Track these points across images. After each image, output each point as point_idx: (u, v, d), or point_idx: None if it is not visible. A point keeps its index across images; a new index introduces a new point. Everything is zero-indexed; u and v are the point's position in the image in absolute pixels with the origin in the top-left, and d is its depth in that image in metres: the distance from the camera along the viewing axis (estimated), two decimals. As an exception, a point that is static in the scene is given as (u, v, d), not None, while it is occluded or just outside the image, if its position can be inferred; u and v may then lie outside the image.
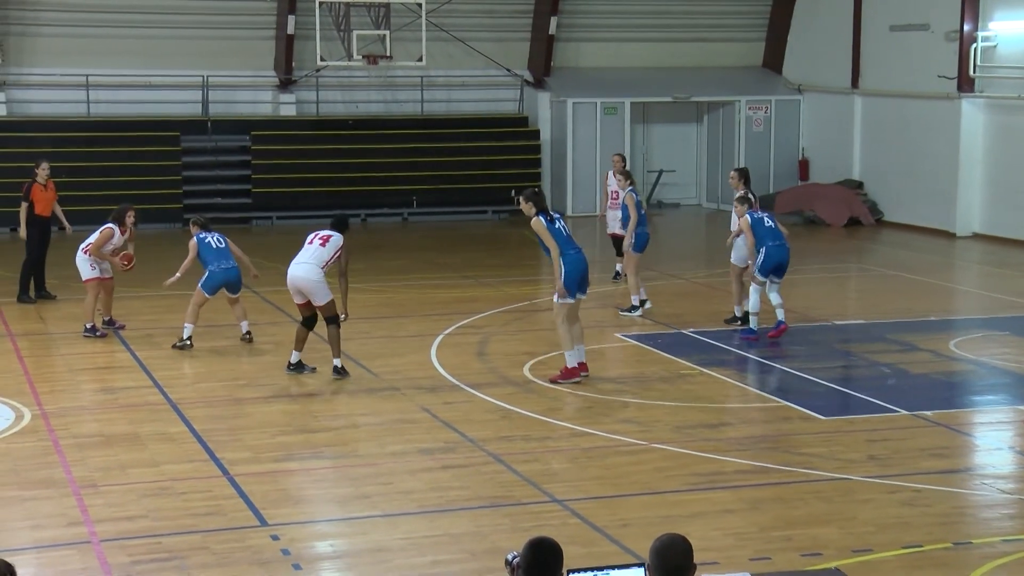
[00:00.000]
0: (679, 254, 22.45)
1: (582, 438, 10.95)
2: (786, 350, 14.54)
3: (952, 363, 13.80)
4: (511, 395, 12.32)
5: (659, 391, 12.54)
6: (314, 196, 25.33)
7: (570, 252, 12.62)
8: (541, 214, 12.64)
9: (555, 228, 12.61)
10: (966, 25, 22.93)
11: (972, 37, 22.72)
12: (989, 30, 22.63)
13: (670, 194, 28.25)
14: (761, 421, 11.54)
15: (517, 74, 27.06)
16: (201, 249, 14.52)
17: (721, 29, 27.92)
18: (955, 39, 23.18)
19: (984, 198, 23.11)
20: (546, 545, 4.93)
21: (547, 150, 26.81)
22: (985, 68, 22.61)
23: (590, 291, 13.45)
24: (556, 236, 12.56)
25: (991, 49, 22.62)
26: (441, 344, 14.53)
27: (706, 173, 28.27)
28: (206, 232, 14.66)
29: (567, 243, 12.66)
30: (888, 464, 10.23)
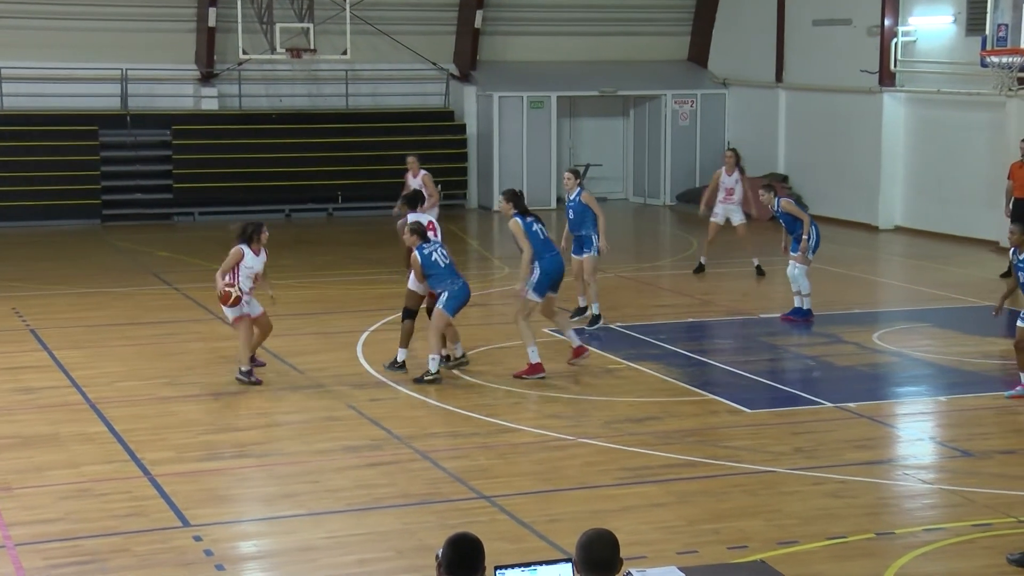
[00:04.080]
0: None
1: (510, 433, 10.96)
2: (711, 344, 14.67)
3: (876, 355, 14.00)
4: (438, 391, 12.30)
5: (587, 386, 12.58)
6: (237, 191, 25.10)
7: (547, 255, 12.73)
8: (519, 215, 12.73)
9: (533, 231, 12.70)
10: (887, 20, 23.27)
11: (893, 32, 23.07)
12: (909, 25, 22.99)
13: (597, 188, 28.23)
14: (688, 415, 11.63)
15: (443, 68, 27.01)
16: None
17: (647, 23, 28.08)
18: (876, 34, 23.52)
19: (906, 191, 23.49)
20: (467, 541, 4.92)
21: (473, 144, 26.81)
22: (906, 63, 22.96)
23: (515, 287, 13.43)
24: (532, 239, 12.66)
25: (911, 44, 22.98)
26: (368, 340, 14.47)
27: (633, 167, 28.42)
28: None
29: (544, 245, 12.76)
30: (813, 456, 10.35)
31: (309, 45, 23.95)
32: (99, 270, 19.20)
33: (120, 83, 24.98)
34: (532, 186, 26.53)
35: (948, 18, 22.24)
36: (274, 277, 18.32)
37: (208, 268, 19.28)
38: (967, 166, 21.94)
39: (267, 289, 12.94)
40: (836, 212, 24.58)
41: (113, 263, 19.85)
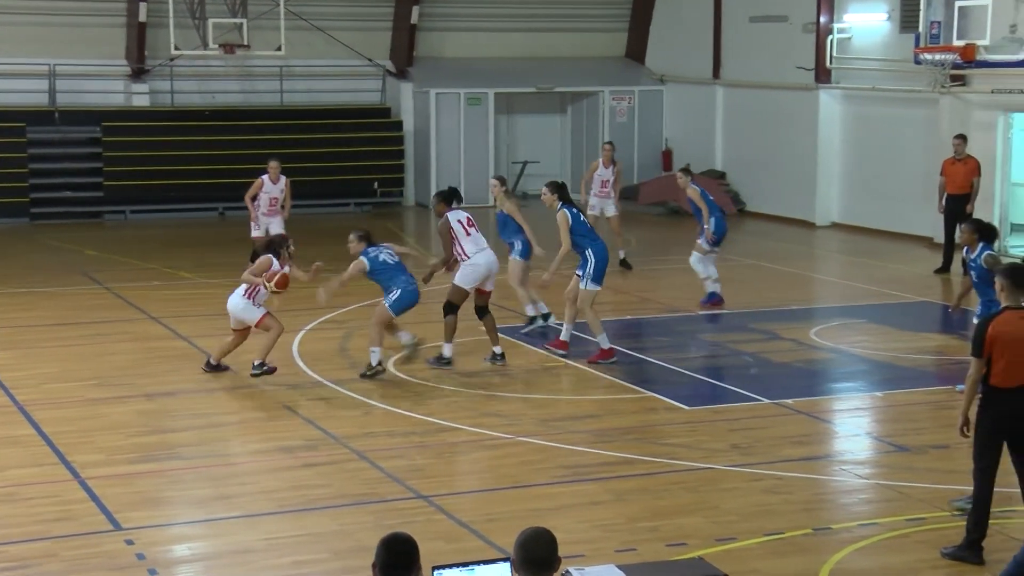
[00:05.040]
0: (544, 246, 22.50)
1: (447, 433, 10.95)
2: (649, 341, 14.74)
3: (812, 351, 14.14)
4: (375, 390, 12.26)
5: (524, 384, 12.60)
6: (170, 189, 24.86)
7: (596, 243, 13.10)
8: (567, 206, 12.89)
9: (580, 221, 13.10)
10: (822, 17, 23.52)
11: (828, 29, 23.31)
12: (844, 22, 23.24)
13: (535, 185, 28.30)
14: (626, 412, 11.68)
15: (379, 64, 26.92)
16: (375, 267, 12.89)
17: (584, 19, 28.16)
18: (812, 31, 23.76)
19: (842, 188, 23.75)
20: (400, 541, 4.91)
21: (410, 141, 26.74)
22: (841, 60, 23.21)
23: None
24: (580, 229, 13.04)
25: (846, 41, 23.23)
26: (303, 339, 14.39)
27: (570, 164, 28.49)
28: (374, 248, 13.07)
29: (592, 234, 13.19)
30: (751, 453, 10.44)
31: (242, 41, 23.74)
32: (27, 269, 18.93)
33: (48, 79, 24.63)
34: (470, 184, 26.47)
35: (882, 15, 22.51)
36: (206, 276, 18.24)
37: (140, 267, 19.13)
38: (902, 162, 22.22)
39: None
40: (773, 209, 24.81)
41: (42, 262, 19.58)
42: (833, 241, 22.58)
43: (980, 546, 8.15)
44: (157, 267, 19.07)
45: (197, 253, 20.39)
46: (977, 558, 8.12)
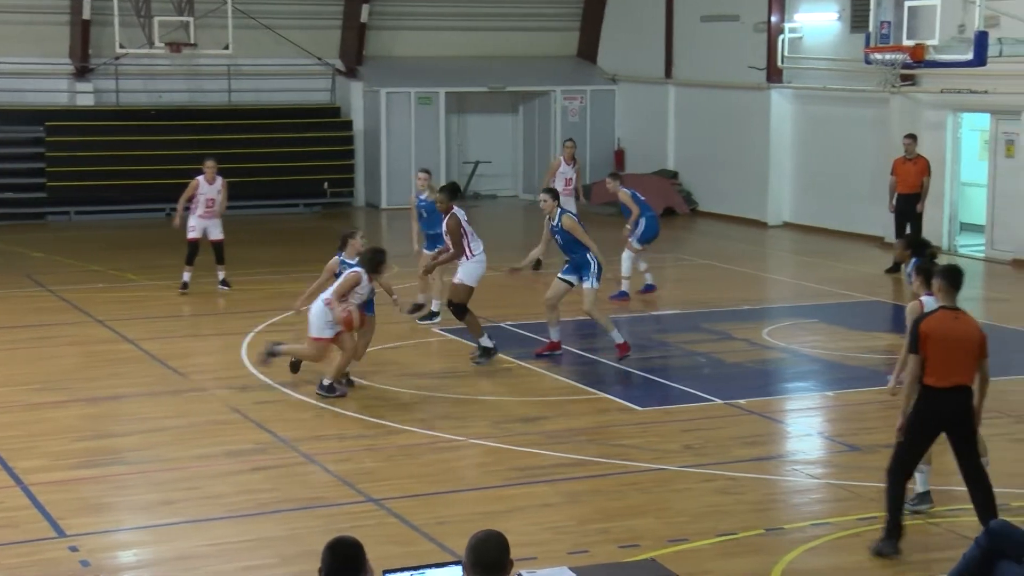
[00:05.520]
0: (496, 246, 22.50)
1: (398, 435, 10.91)
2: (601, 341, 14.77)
3: (765, 351, 14.22)
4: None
5: (476, 386, 12.58)
6: (115, 190, 24.62)
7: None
8: (566, 211, 13.48)
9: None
10: (774, 17, 23.66)
11: (779, 28, 23.45)
12: (795, 22, 23.40)
13: (486, 185, 28.39)
14: (579, 414, 11.69)
15: (329, 63, 26.81)
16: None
17: (536, 18, 28.19)
18: (763, 30, 23.91)
19: (794, 187, 23.91)
20: (344, 544, 4.88)
21: (360, 141, 26.66)
22: (792, 59, 23.36)
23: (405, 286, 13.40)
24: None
25: (798, 40, 23.39)
26: (252, 342, 14.27)
27: (522, 164, 28.51)
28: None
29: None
30: (703, 453, 10.48)
31: (189, 39, 23.56)
32: (-31, 272, 18.69)
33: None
34: (421, 183, 26.44)
35: (833, 15, 22.69)
36: (153, 278, 18.08)
37: (85, 269, 18.94)
38: (853, 162, 22.40)
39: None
40: (725, 208, 24.94)
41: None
42: (785, 241, 22.73)
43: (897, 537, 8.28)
44: (102, 269, 18.88)
45: (143, 255, 20.21)
46: (893, 548, 8.27)
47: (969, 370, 8.23)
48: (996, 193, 20.12)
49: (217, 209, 17.16)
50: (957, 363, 8.18)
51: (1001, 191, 19.98)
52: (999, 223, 20.04)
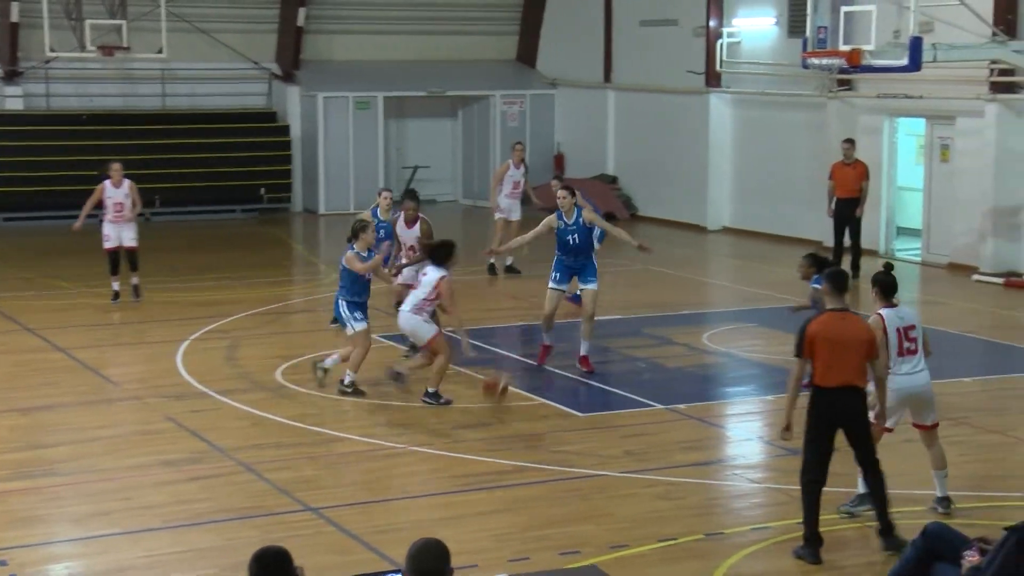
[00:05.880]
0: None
1: (337, 443, 10.86)
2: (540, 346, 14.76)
3: (705, 356, 14.31)
4: (263, 401, 12.11)
5: (417, 393, 12.52)
6: (46, 196, 24.29)
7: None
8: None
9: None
10: (712, 21, 23.83)
11: (718, 33, 23.64)
12: (733, 27, 23.58)
13: (426, 190, 28.21)
14: (519, 420, 11.69)
15: (265, 67, 26.65)
16: None
17: (475, 22, 28.19)
18: (702, 35, 24.07)
19: (733, 192, 24.08)
20: (270, 554, 4.86)
21: (297, 146, 26.51)
22: (731, 64, 23.54)
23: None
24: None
25: (736, 45, 23.58)
26: (187, 350, 14.16)
27: (462, 169, 28.50)
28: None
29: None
30: (644, 459, 10.51)
31: (122, 43, 23.29)
32: None
33: (-84, 81, 23.94)
34: (360, 189, 26.37)
35: (771, 20, 22.89)
36: (85, 285, 17.86)
37: (15, 277, 18.65)
38: (791, 166, 22.61)
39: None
40: (665, 213, 25.06)
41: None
42: (724, 245, 22.89)
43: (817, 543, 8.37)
44: (33, 276, 18.64)
45: (75, 262, 19.93)
46: (814, 557, 8.33)
47: (858, 370, 8.38)
48: (932, 197, 20.39)
49: (127, 213, 16.77)
50: (845, 364, 8.33)
51: (937, 195, 20.25)
52: (935, 227, 20.31)
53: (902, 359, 8.96)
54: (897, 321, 8.96)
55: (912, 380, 8.99)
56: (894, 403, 8.95)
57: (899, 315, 8.99)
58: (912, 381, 8.99)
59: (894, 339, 8.92)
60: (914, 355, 9.00)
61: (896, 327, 8.94)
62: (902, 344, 8.95)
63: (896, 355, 8.94)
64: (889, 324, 8.92)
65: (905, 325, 8.98)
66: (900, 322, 8.97)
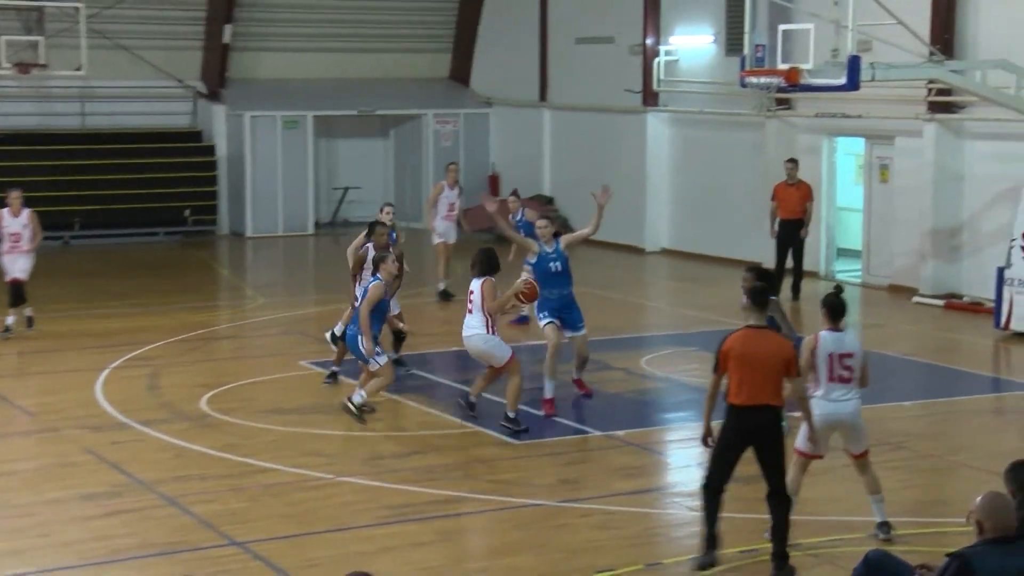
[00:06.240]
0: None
1: (264, 474, 10.77)
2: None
3: (643, 381, 14.37)
4: (186, 431, 12.01)
5: (346, 421, 12.46)
6: (-40, 218, 23.92)
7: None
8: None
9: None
10: (649, 39, 24.03)
11: (655, 51, 23.83)
12: (671, 44, 23.79)
13: (357, 212, 28.25)
14: (453, 448, 11.67)
15: (189, 85, 26.49)
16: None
17: (406, 40, 28.22)
18: (639, 53, 24.27)
19: (671, 213, 24.25)
20: None
21: (223, 167, 26.36)
22: (668, 82, 23.74)
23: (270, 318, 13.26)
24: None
25: (673, 63, 23.79)
26: (107, 379, 14.01)
27: (394, 190, 28.46)
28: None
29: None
30: (581, 487, 10.53)
31: (39, 60, 23.04)
32: None
33: None
34: (288, 211, 26.29)
35: (709, 38, 23.13)
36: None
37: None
38: (730, 186, 22.81)
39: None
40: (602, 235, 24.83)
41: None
42: (663, 267, 23.03)
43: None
44: (-55, 303, 18.33)
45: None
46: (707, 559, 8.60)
47: (771, 389, 8.44)
48: (872, 218, 20.66)
49: (24, 245, 16.11)
50: (758, 382, 8.40)
51: (876, 216, 20.53)
52: (875, 248, 20.59)
53: (832, 384, 8.99)
54: (833, 346, 9.00)
55: (839, 407, 9.00)
56: (821, 429, 9.02)
57: (838, 340, 9.03)
58: (839, 408, 9.00)
59: (824, 363, 8.96)
60: (847, 383, 9.01)
61: (830, 352, 8.98)
62: (833, 369, 8.97)
63: (826, 380, 8.98)
64: (822, 347, 8.97)
65: (842, 352, 9.01)
66: (837, 348, 9.01)
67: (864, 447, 9.25)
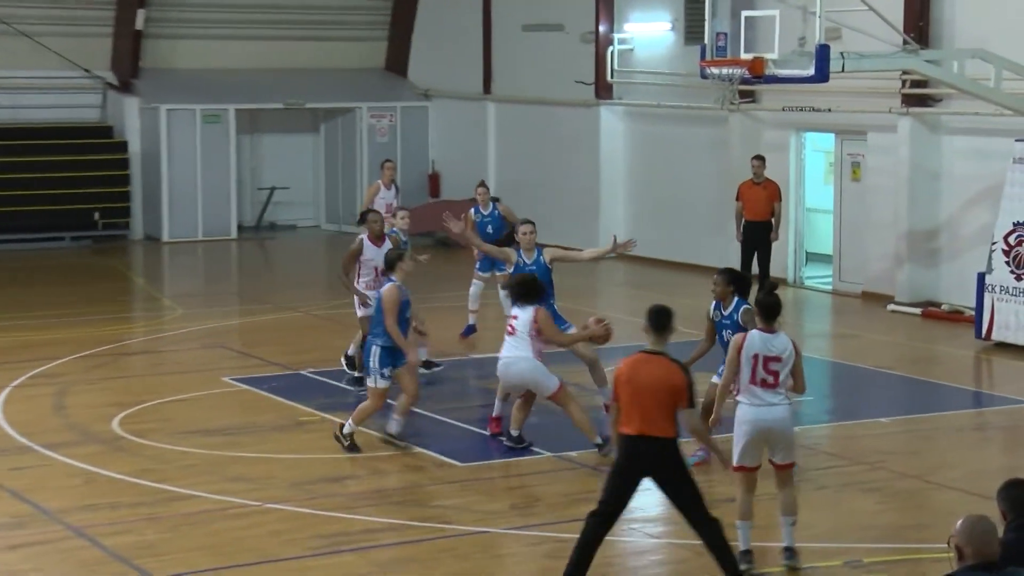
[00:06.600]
0: (295, 283, 22.42)
1: (184, 501, 10.72)
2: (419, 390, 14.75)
3: (597, 397, 14.38)
4: (97, 455, 11.94)
5: (274, 442, 12.44)
6: None
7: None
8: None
9: None
10: (601, 26, 24.13)
11: (608, 39, 23.92)
12: (625, 32, 23.90)
13: (284, 214, 28.21)
14: (391, 472, 11.67)
15: (99, 76, 26.34)
16: None
17: (338, 27, 28.20)
18: (591, 41, 24.37)
19: (628, 214, 24.33)
20: None
21: (137, 164, 26.24)
22: (623, 73, 23.85)
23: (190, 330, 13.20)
24: None
25: (628, 53, 23.90)
26: (8, 398, 13.94)
27: (325, 190, 28.42)
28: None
29: None
30: (530, 513, 10.55)
31: (-69, 48, 22.89)
32: None
33: None
34: (209, 213, 26.17)
35: (666, 25, 23.27)
36: None
37: None
38: (691, 186, 22.93)
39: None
40: (553, 237, 25.14)
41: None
42: (618, 274, 23.12)
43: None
44: None
45: None
46: None
47: (658, 419, 8.39)
48: (843, 220, 20.83)
49: None
50: (644, 410, 8.39)
51: (848, 218, 20.70)
52: (847, 253, 20.76)
53: (754, 388, 9.03)
54: (760, 347, 9.02)
55: (763, 412, 9.03)
56: (745, 437, 9.06)
57: (767, 342, 9.05)
58: (763, 414, 9.03)
59: (748, 363, 9.01)
60: (770, 388, 9.03)
61: (755, 352, 9.01)
62: (756, 372, 9.01)
63: (748, 381, 9.03)
64: (748, 347, 9.02)
65: (768, 354, 9.02)
66: (764, 349, 9.02)
67: (791, 459, 9.26)
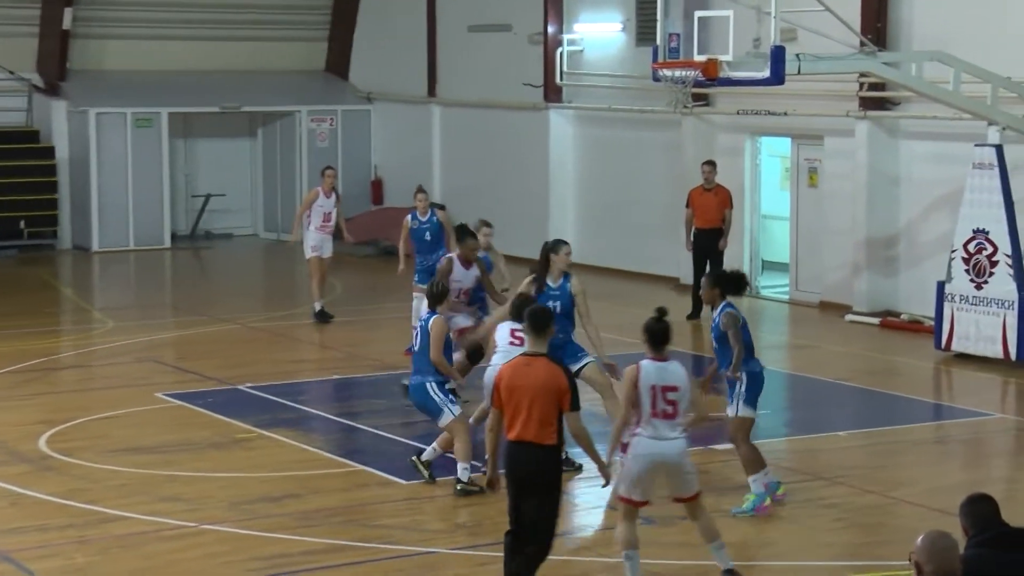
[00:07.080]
0: (232, 294, 22.34)
1: (115, 523, 10.66)
2: (360, 405, 14.74)
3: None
4: (23, 475, 11.86)
5: (210, 460, 12.39)
6: None
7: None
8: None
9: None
10: (550, 27, 24.18)
11: (557, 40, 23.98)
12: (575, 33, 23.97)
13: (220, 222, 28.09)
14: (333, 490, 11.64)
15: (24, 78, 26.15)
16: None
17: (276, 27, 28.14)
18: (539, 42, 24.42)
19: (577, 221, 24.35)
20: None
21: (64, 171, 26.07)
22: (572, 75, 23.91)
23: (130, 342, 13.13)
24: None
25: (578, 54, 23.98)
26: (-69, 417, 13.77)
27: (263, 197, 28.33)
28: None
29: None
30: (478, 533, 10.55)
31: None
32: None
33: None
34: (141, 222, 26.02)
35: (617, 26, 23.36)
36: None
37: None
38: (643, 192, 23.00)
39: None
40: (499, 245, 25.00)
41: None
42: (568, 283, 23.11)
43: None
44: None
45: None
46: None
47: (537, 424, 8.45)
48: (800, 227, 20.95)
49: None
50: (523, 415, 8.46)
51: (805, 225, 20.83)
52: (804, 261, 20.88)
53: (656, 420, 8.89)
54: (656, 377, 8.91)
55: (659, 447, 8.89)
56: (640, 471, 8.94)
57: (661, 371, 8.94)
58: (659, 448, 8.89)
59: (647, 396, 8.87)
60: (671, 419, 8.91)
61: (652, 384, 8.89)
62: (656, 404, 8.88)
63: (649, 415, 8.89)
64: (644, 379, 8.89)
65: (665, 384, 8.91)
66: (660, 379, 8.91)
67: (693, 491, 9.13)
